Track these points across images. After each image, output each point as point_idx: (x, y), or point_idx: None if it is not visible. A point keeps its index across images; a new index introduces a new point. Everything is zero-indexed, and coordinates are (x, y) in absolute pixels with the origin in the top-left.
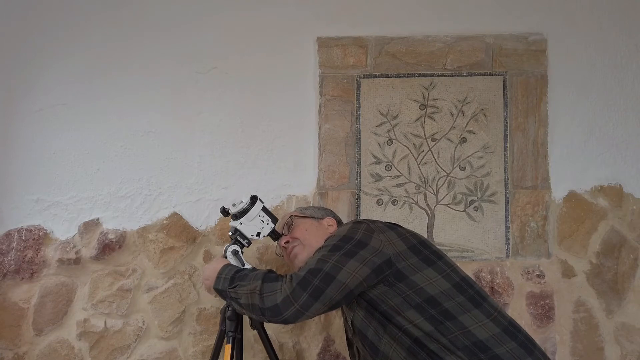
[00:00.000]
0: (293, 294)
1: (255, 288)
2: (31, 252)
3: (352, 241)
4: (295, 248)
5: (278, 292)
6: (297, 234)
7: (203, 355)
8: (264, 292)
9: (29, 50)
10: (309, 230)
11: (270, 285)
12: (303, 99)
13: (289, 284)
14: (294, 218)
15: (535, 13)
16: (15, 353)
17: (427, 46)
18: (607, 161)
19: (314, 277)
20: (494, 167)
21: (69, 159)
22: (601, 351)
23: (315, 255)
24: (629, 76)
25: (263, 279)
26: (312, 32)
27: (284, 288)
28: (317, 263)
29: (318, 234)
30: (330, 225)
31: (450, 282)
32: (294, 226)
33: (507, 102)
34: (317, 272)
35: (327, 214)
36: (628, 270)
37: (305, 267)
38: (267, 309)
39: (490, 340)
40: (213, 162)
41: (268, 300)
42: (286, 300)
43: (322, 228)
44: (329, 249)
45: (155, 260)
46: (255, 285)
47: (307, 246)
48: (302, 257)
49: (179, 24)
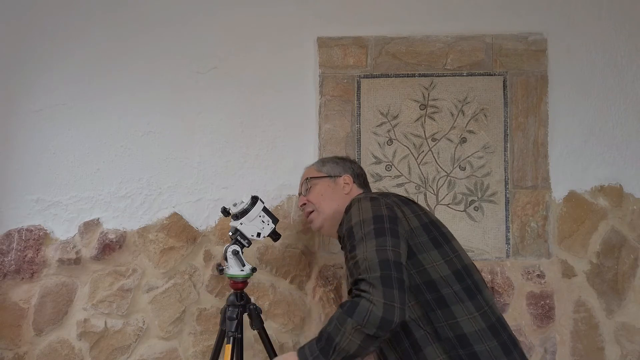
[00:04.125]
0: (386, 297)
1: (353, 327)
2: (31, 252)
3: (386, 219)
4: (312, 214)
5: (372, 308)
6: (313, 198)
7: (203, 355)
8: (362, 322)
9: (29, 50)
10: (324, 195)
11: (358, 311)
12: (303, 99)
13: (374, 291)
14: (310, 180)
15: (535, 13)
16: (16, 353)
17: (427, 46)
18: (607, 161)
19: (389, 269)
20: (494, 167)
21: (69, 159)
22: (601, 351)
23: (359, 245)
24: (629, 76)
25: (347, 313)
26: (312, 32)
27: (374, 299)
28: (378, 254)
29: (333, 198)
30: (347, 184)
31: (451, 269)
32: (311, 189)
33: (507, 102)
34: (387, 263)
35: (344, 171)
36: (628, 270)
37: (368, 263)
38: (377, 329)
39: (473, 336)
40: (213, 162)
41: (370, 323)
42: (386, 308)
43: (338, 190)
44: (372, 234)
45: (155, 260)
46: (350, 326)
47: (321, 213)
48: (317, 223)
49: (179, 24)
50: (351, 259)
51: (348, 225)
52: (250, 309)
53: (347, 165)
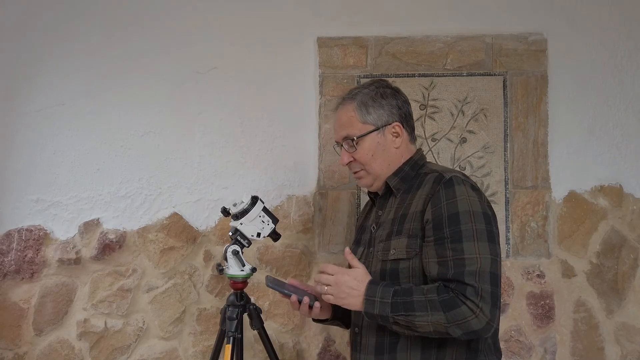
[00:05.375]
0: (491, 316)
1: (439, 321)
2: (31, 252)
3: (493, 221)
4: (360, 172)
5: (472, 319)
6: (361, 157)
7: (203, 355)
8: (452, 323)
9: (29, 50)
10: (375, 154)
11: (455, 312)
12: (303, 99)
13: (483, 306)
14: (357, 140)
15: (535, 13)
16: (16, 353)
17: (427, 46)
18: (607, 161)
19: (498, 287)
20: (494, 167)
21: (69, 159)
22: (601, 351)
23: (470, 241)
24: (629, 76)
25: (442, 307)
26: (312, 32)
27: (479, 313)
28: (492, 266)
29: (384, 157)
30: (395, 135)
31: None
32: (357, 147)
33: (507, 102)
34: (498, 279)
35: (392, 117)
36: (628, 270)
37: (480, 270)
38: (464, 334)
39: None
40: (213, 162)
41: (461, 328)
42: (487, 325)
43: (389, 145)
44: (485, 235)
45: (155, 260)
46: (438, 318)
47: (372, 173)
48: (366, 182)
49: (179, 23)
50: (451, 245)
51: (453, 209)
52: (250, 309)
53: (393, 103)
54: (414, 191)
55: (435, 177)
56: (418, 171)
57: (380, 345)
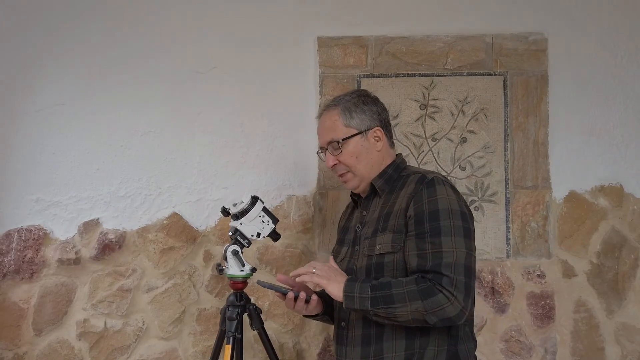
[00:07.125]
0: (464, 304)
1: (418, 309)
2: (31, 252)
3: (470, 219)
4: (346, 175)
5: (447, 306)
6: (346, 160)
7: (203, 356)
8: (429, 311)
9: (29, 50)
10: (359, 156)
11: (432, 300)
12: (303, 99)
13: (457, 294)
14: (342, 143)
15: (535, 13)
16: (15, 353)
17: (427, 46)
18: (607, 161)
19: (472, 278)
20: (494, 167)
21: (69, 159)
22: (602, 351)
23: (447, 236)
24: (629, 76)
25: (420, 296)
26: (312, 31)
27: (453, 301)
28: (467, 259)
29: (367, 159)
30: (377, 139)
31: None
32: (342, 150)
33: (507, 102)
34: (472, 272)
35: (373, 121)
36: (628, 270)
37: (455, 262)
38: (439, 321)
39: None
40: (213, 162)
41: (435, 316)
42: (460, 312)
43: (371, 148)
44: (462, 231)
45: (155, 260)
46: (416, 307)
47: (357, 174)
48: (352, 184)
49: (179, 23)
50: (431, 240)
51: (433, 206)
52: (250, 309)
53: (374, 109)
54: (398, 191)
55: (419, 178)
56: (400, 173)
57: (367, 336)
